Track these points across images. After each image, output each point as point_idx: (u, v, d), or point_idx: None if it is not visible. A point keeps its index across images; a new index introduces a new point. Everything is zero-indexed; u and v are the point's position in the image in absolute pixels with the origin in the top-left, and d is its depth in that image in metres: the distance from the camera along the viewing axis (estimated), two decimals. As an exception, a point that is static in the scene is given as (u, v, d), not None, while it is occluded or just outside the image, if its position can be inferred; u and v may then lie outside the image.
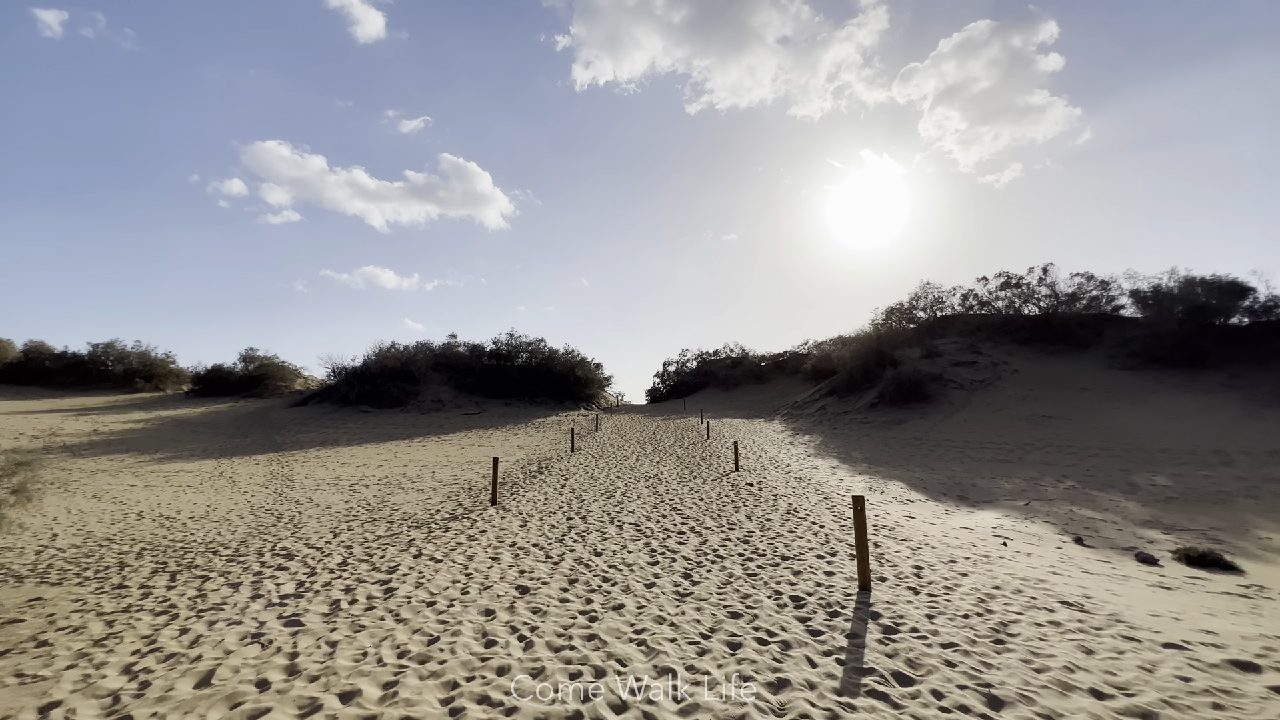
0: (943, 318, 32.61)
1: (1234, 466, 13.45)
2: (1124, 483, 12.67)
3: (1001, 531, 8.45)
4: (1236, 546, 8.03)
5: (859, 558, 4.97)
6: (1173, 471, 13.41)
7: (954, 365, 26.65)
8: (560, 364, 39.71)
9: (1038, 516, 9.84)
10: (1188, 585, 6.02)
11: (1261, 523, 9.27)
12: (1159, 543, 8.26)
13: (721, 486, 11.34)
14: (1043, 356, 27.04)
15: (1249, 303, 25.31)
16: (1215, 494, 11.30)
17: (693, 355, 52.63)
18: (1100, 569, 6.43)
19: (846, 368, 28.87)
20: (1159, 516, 9.87)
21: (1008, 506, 10.79)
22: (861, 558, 4.95)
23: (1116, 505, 10.71)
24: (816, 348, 38.75)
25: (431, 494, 11.41)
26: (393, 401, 32.97)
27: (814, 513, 8.72)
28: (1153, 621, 4.24)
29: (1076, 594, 4.81)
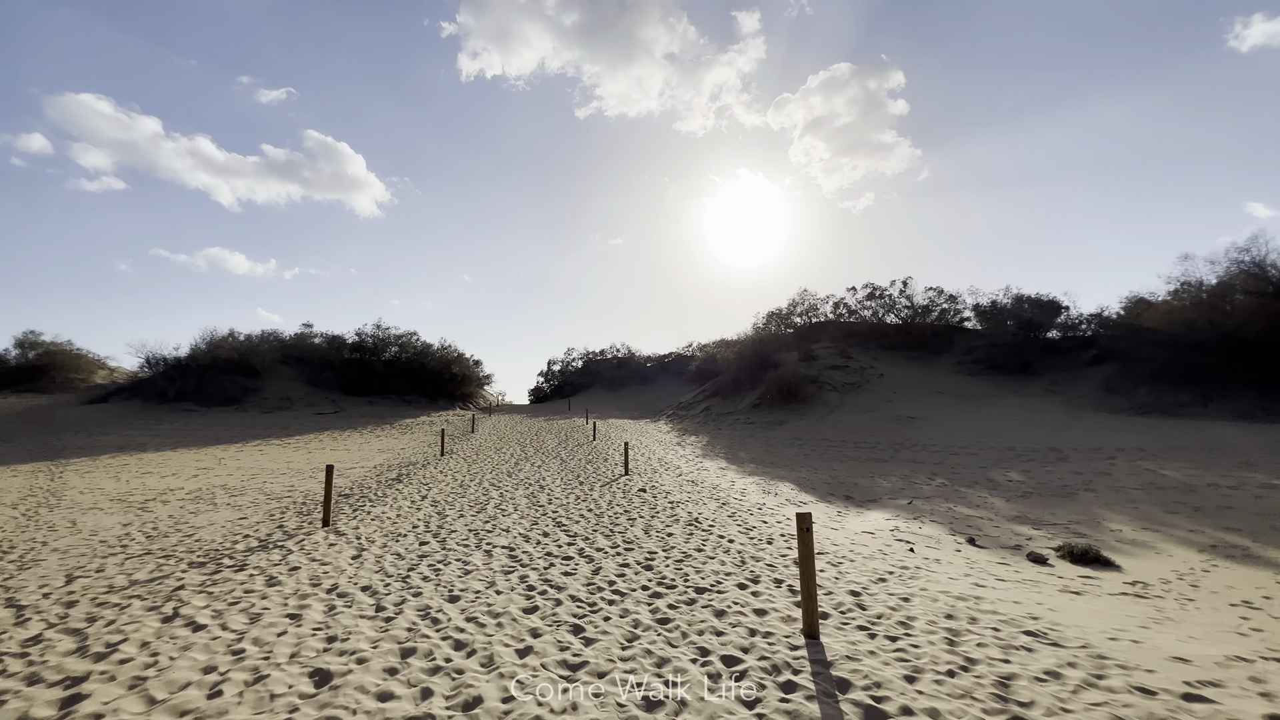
0: (817, 324, 34.33)
1: (1069, 462, 14.78)
2: (985, 479, 13.36)
3: (901, 535, 8.16)
4: (1099, 540, 8.34)
5: (805, 596, 3.87)
6: (1022, 468, 14.44)
7: (828, 369, 27.90)
8: (434, 360, 36.51)
9: (925, 516, 9.82)
10: (1091, 587, 5.86)
11: (1107, 515, 9.88)
12: (1036, 539, 8.40)
13: (612, 493, 10.19)
14: (904, 362, 29.24)
15: (1062, 319, 29.09)
16: (1062, 488, 12.13)
17: (579, 354, 51.39)
18: (1008, 574, 6.14)
19: (730, 369, 29.21)
20: (1025, 512, 10.25)
21: (893, 506, 10.78)
22: (808, 596, 3.87)
23: (985, 502, 11.08)
24: (701, 350, 39.25)
25: (250, 511, 9.07)
26: (227, 399, 28.12)
27: (718, 524, 7.82)
28: (1121, 649, 3.68)
29: (1020, 613, 4.26)
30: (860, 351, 30.14)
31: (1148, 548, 7.95)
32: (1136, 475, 12.98)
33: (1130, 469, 13.67)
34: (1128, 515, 9.82)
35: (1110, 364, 24.42)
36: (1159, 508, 10.23)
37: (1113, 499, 11.06)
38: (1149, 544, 8.15)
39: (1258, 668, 3.42)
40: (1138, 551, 7.71)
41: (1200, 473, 12.91)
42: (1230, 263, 22.32)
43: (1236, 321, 20.33)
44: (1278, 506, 9.92)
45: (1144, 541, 8.29)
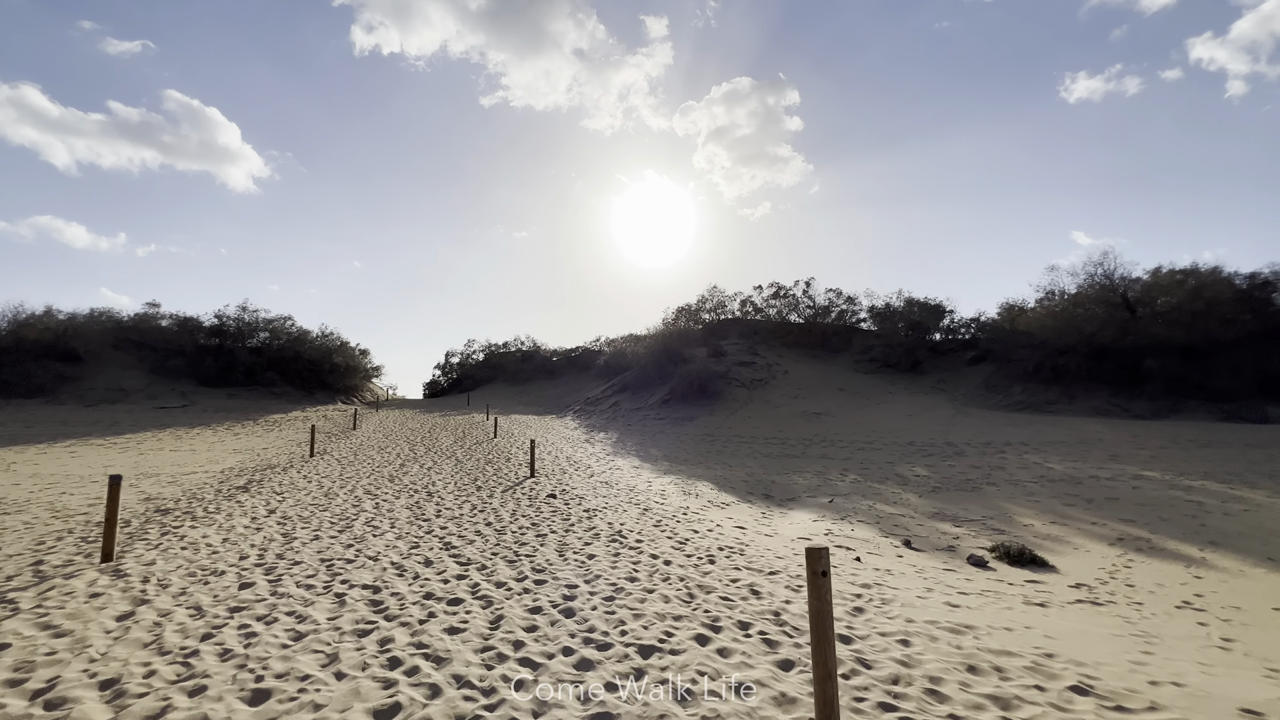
0: (726, 320, 34.49)
1: (966, 457, 15.29)
2: (894, 474, 13.38)
3: (836, 539, 7.52)
4: (1019, 536, 8.21)
5: (820, 676, 2.45)
6: (925, 463, 14.71)
7: (737, 365, 27.90)
8: (313, 348, 32.57)
9: (851, 515, 9.36)
10: (1044, 594, 5.40)
11: (1014, 509, 9.95)
12: (963, 538, 8.13)
13: (516, 500, 8.76)
14: (808, 359, 29.97)
15: (946, 322, 31.13)
16: (965, 482, 12.31)
17: (480, 347, 48.52)
18: (963, 583, 5.57)
19: (640, 364, 28.43)
20: (940, 508, 10.12)
21: (815, 505, 10.30)
22: (824, 676, 2.45)
23: (901, 498, 10.90)
24: (609, 344, 38.23)
25: (12, 538, 6.69)
26: (33, 389, 23.08)
27: (645, 538, 6.63)
28: (1177, 698, 2.95)
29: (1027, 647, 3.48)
30: (767, 349, 30.52)
31: (1065, 543, 7.89)
32: (1027, 469, 13.53)
33: (1020, 463, 14.29)
34: (1032, 509, 9.94)
35: (989, 364, 26.32)
36: (1056, 500, 10.49)
37: (1014, 492, 11.29)
38: (1064, 539, 8.12)
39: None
40: (1059, 548, 7.58)
41: (1080, 465, 13.71)
42: (1086, 275, 24.76)
43: (1094, 328, 22.47)
44: (1155, 497, 10.48)
45: (1058, 536, 8.26)
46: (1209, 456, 14.23)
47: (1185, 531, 8.31)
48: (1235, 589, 5.97)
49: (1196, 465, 13.24)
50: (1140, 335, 21.30)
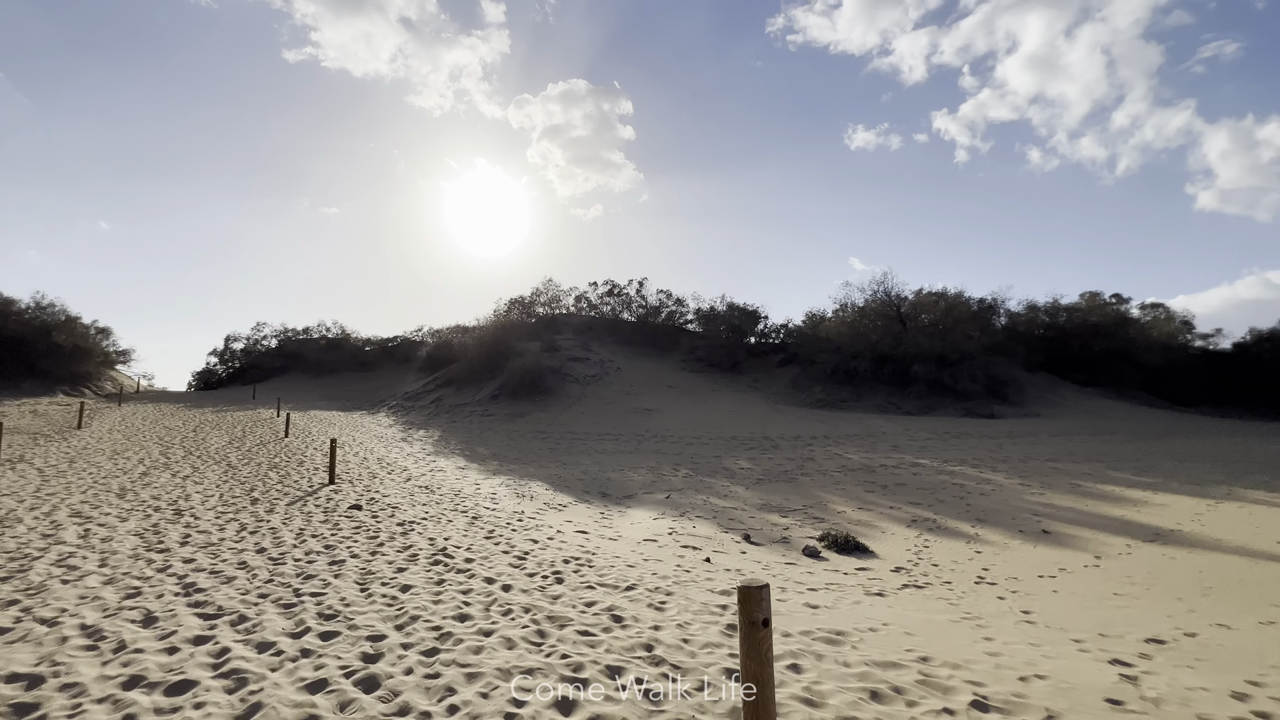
0: (560, 316, 33.80)
1: (781, 450, 16.51)
2: (722, 468, 13.87)
3: (680, 537, 7.24)
4: (837, 524, 8.76)
5: None
6: (748, 456, 15.56)
7: (571, 360, 27.38)
8: (19, 323, 24.75)
9: (689, 512, 9.26)
10: (874, 582, 5.59)
11: (828, 497, 10.77)
12: (792, 529, 8.42)
13: (306, 515, 7.03)
14: (639, 357, 30.54)
15: (761, 327, 34.02)
16: (784, 474, 13.16)
17: (272, 332, 41.49)
18: (809, 577, 5.55)
19: (468, 356, 26.47)
20: (766, 499, 10.56)
21: (653, 502, 10.09)
22: None
23: (731, 491, 11.21)
24: (434, 335, 35.16)
25: None
26: None
27: (476, 554, 5.50)
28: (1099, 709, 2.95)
29: (901, 652, 3.35)
30: (600, 345, 30.48)
31: (874, 527, 8.58)
32: (832, 460, 14.96)
33: (826, 454, 15.80)
34: (841, 496, 10.83)
35: (795, 366, 29.24)
36: (859, 488, 11.60)
37: (824, 482, 12.29)
38: (872, 523, 8.84)
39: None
40: (871, 533, 8.19)
41: (871, 455, 15.55)
42: (871, 291, 28.79)
43: (877, 337, 26.12)
44: (930, 482, 12.13)
45: (868, 521, 8.99)
46: (960, 446, 17.15)
47: (958, 511, 9.59)
48: (1007, 560, 6.85)
49: (954, 453, 15.82)
50: (910, 345, 25.25)
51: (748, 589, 1.68)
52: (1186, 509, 9.41)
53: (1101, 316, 30.79)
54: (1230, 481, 11.81)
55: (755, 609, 1.72)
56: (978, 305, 30.02)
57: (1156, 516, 8.97)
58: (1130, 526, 8.40)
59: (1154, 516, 8.97)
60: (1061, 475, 12.64)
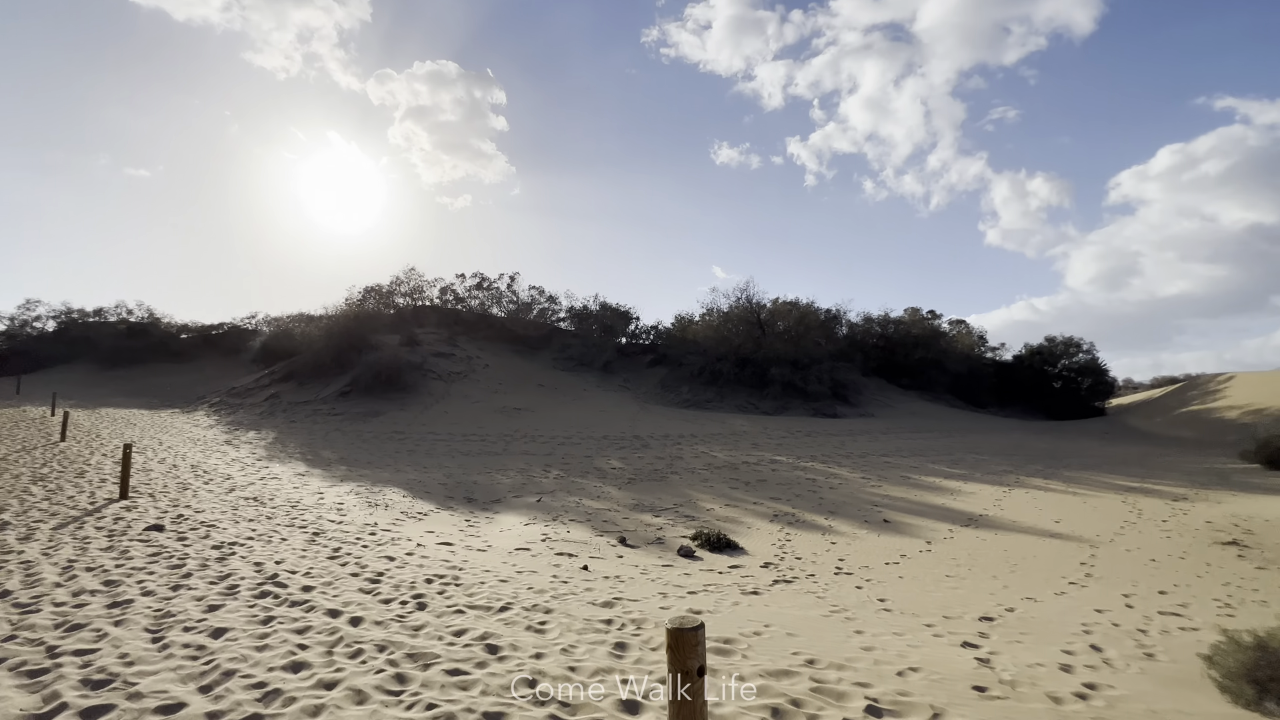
0: (423, 307, 31.53)
1: (651, 449, 16.77)
2: (594, 468, 13.73)
3: (554, 543, 6.89)
4: (708, 521, 8.99)
5: None
6: (619, 455, 15.59)
7: (434, 356, 25.65)
8: None
9: (562, 515, 8.94)
10: (746, 580, 5.71)
11: (696, 495, 11.07)
12: (665, 528, 8.47)
13: (81, 541, 5.57)
14: (508, 354, 29.45)
15: (632, 328, 34.55)
16: (654, 472, 13.35)
17: (49, 312, 33.87)
18: (687, 580, 5.51)
19: (314, 349, 23.68)
20: (639, 499, 10.58)
21: (523, 506, 9.63)
22: None
23: (603, 492, 11.10)
24: (271, 323, 30.97)
25: None
26: None
27: (319, 582, 4.58)
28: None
29: (788, 655, 3.26)
30: (468, 340, 28.93)
31: (741, 523, 8.92)
32: (699, 458, 15.47)
33: (693, 453, 16.32)
34: (709, 494, 11.19)
35: (664, 367, 30.05)
36: (725, 485, 12.08)
37: (693, 480, 12.64)
38: (739, 519, 9.20)
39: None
40: (739, 529, 8.49)
41: (734, 453, 16.35)
42: (735, 298, 30.47)
43: (739, 341, 27.69)
44: (787, 477, 12.99)
45: (735, 518, 9.34)
46: (811, 443, 18.67)
47: (813, 504, 10.32)
48: (858, 549, 7.44)
49: (805, 450, 17.16)
50: (768, 350, 27.09)
51: (681, 631, 1.40)
52: (989, 496, 10.97)
53: (921, 330, 35.54)
54: (1016, 471, 14.04)
55: (690, 655, 1.42)
56: (825, 315, 33.11)
57: (968, 503, 10.35)
58: (950, 513, 9.59)
59: (967, 503, 10.34)
60: (894, 469, 14.20)
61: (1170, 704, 2.69)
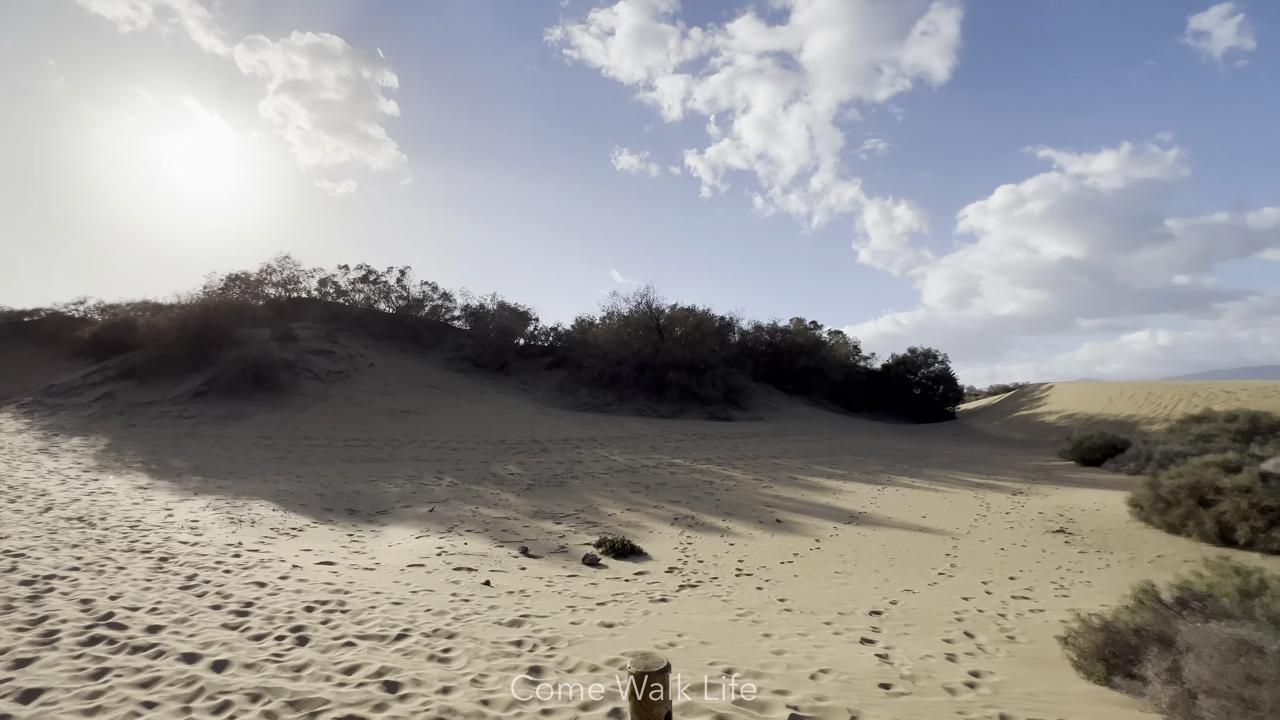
0: (299, 300, 28.71)
1: (550, 453, 16.48)
2: (490, 474, 13.22)
3: (451, 557, 6.48)
4: (610, 527, 8.94)
5: None
6: (517, 460, 15.14)
7: (311, 353, 23.46)
8: None
9: (457, 525, 8.47)
10: (653, 588, 5.72)
11: (597, 500, 11.01)
12: (567, 535, 8.31)
13: None
14: (397, 353, 27.60)
15: (531, 329, 33.79)
16: (554, 477, 13.11)
17: None
18: (594, 590, 5.39)
19: (162, 342, 20.71)
20: (539, 505, 10.32)
21: (414, 517, 9.02)
22: None
23: (501, 499, 10.71)
24: (108, 311, 26.58)
25: None
26: None
27: (168, 619, 3.77)
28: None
29: (705, 664, 3.23)
30: (350, 337, 26.74)
31: (643, 528, 8.97)
32: (599, 462, 15.42)
33: (593, 456, 16.23)
34: (610, 498, 11.17)
35: (563, 369, 29.68)
36: (625, 489, 12.12)
37: (593, 484, 12.55)
38: (641, 524, 9.24)
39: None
40: (641, 534, 8.52)
41: (634, 456, 16.48)
42: (636, 303, 30.83)
43: (639, 345, 28.03)
44: (685, 480, 13.30)
45: (637, 522, 9.37)
46: (706, 446, 19.28)
47: (710, 506, 10.62)
48: (754, 550, 7.74)
49: (701, 453, 17.68)
50: (667, 354, 27.67)
51: (645, 675, 1.26)
52: (866, 494, 11.92)
53: (805, 339, 38.10)
54: (887, 470, 15.41)
55: (657, 709, 1.27)
56: (719, 323, 34.46)
57: (848, 501, 11.16)
58: (834, 511, 10.28)
59: (847, 502, 11.14)
60: (783, 470, 15.03)
61: (1042, 685, 3.04)
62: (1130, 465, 13.87)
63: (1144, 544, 7.62)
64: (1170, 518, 7.71)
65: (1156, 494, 7.96)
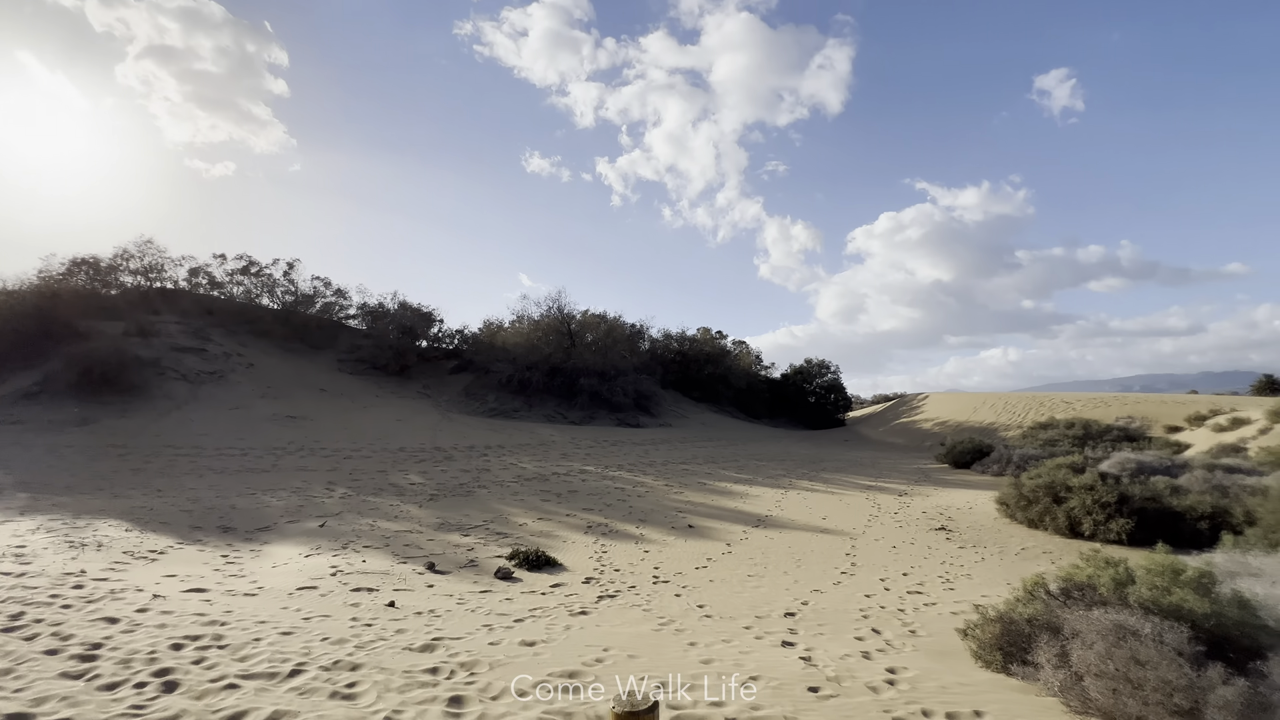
0: (165, 291, 25.43)
1: (455, 461, 15.74)
2: (389, 484, 12.41)
3: (348, 577, 5.92)
4: (521, 538, 8.65)
5: None
6: (419, 469, 14.32)
7: (177, 350, 20.88)
8: None
9: (353, 542, 7.81)
10: (572, 599, 5.56)
11: (507, 509, 10.64)
12: (476, 548, 7.94)
13: None
14: (281, 353, 25.23)
15: (435, 330, 32.22)
16: (460, 487, 12.54)
17: None
18: (509, 607, 5.13)
19: (-23, 332, 17.50)
20: (444, 517, 9.80)
21: (301, 533, 8.22)
22: None
23: (402, 511, 10.07)
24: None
25: None
26: None
27: (8, 674, 3.20)
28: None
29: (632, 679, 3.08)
30: (226, 335, 24.09)
31: (556, 537, 8.75)
32: (507, 470, 14.94)
33: (501, 464, 15.69)
34: (520, 507, 10.82)
35: (469, 374, 28.55)
36: (536, 497, 11.81)
37: (502, 493, 12.12)
38: (554, 533, 9.01)
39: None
40: (555, 544, 8.30)
41: (544, 464, 16.13)
42: (548, 307, 30.34)
43: (550, 350, 27.58)
44: (597, 487, 13.20)
45: (549, 532, 9.12)
46: (617, 453, 19.28)
47: (623, 513, 10.59)
48: (669, 556, 7.78)
49: (612, 459, 17.65)
50: (578, 360, 27.44)
51: (632, 716, 1.14)
52: (771, 498, 12.42)
53: (711, 348, 39.36)
54: (789, 475, 16.18)
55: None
56: (630, 330, 34.75)
57: (755, 505, 11.57)
58: (742, 515, 10.60)
59: (754, 506, 11.55)
60: (692, 476, 15.33)
61: (951, 677, 3.26)
62: (994, 467, 15.56)
63: (1010, 538, 8.53)
64: (1031, 514, 8.69)
65: (1020, 493, 8.94)
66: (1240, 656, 2.44)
